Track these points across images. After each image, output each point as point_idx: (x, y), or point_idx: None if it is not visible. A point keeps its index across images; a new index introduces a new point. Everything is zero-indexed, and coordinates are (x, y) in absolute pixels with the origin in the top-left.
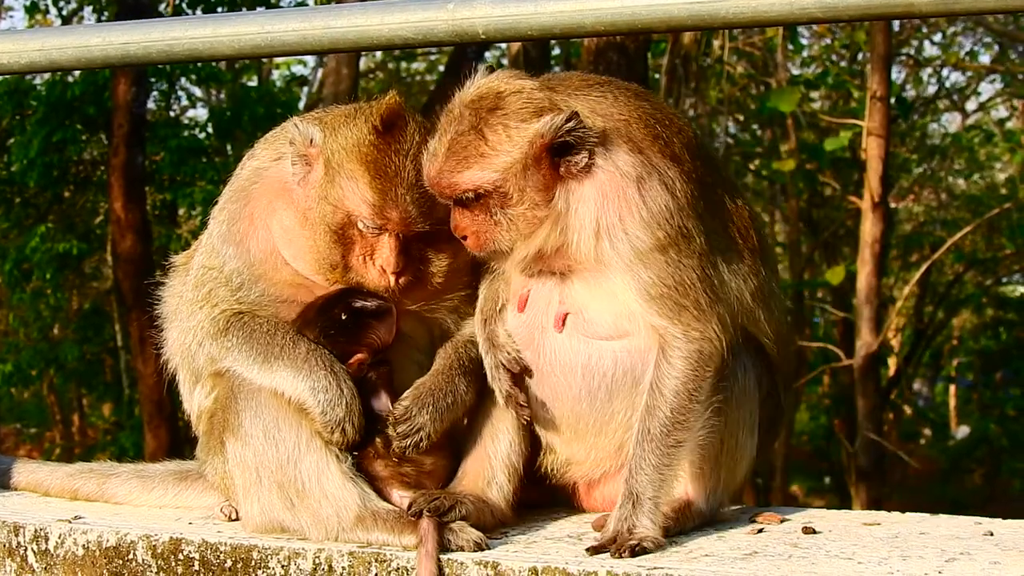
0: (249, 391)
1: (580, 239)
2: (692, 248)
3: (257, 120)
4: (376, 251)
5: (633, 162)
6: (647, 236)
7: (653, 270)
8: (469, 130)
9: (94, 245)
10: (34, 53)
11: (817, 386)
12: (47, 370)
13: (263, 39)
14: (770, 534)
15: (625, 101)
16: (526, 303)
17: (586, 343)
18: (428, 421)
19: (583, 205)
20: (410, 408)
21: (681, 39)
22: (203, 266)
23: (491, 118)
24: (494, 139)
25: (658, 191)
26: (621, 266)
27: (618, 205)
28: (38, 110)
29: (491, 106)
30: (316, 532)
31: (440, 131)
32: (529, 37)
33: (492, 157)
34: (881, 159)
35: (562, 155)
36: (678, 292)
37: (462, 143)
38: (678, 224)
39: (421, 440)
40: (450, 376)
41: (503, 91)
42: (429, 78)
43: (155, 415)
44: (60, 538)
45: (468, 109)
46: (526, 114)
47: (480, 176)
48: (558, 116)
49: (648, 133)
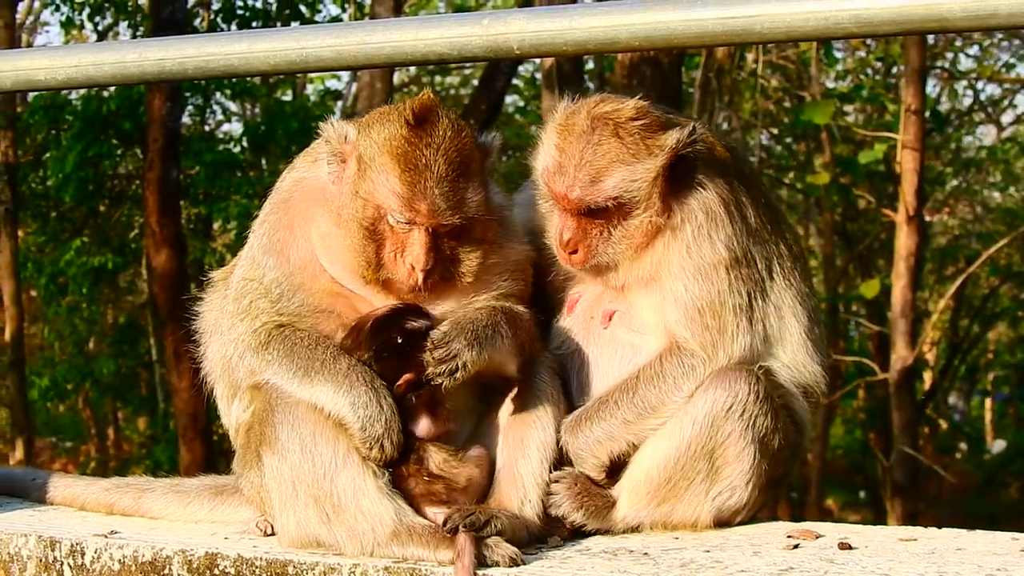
0: (287, 405)
1: (676, 253)
2: (750, 273)
3: (291, 134)
4: (407, 247)
5: (725, 182)
6: (723, 252)
7: (706, 284)
8: (609, 138)
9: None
10: (71, 69)
11: (852, 400)
12: (82, 384)
13: (298, 55)
14: (806, 550)
15: (702, 126)
16: (575, 306)
17: (629, 336)
18: (465, 348)
19: (691, 220)
20: (449, 333)
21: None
22: (244, 278)
23: (630, 127)
24: (635, 148)
25: (735, 211)
26: (682, 272)
27: (713, 221)
28: (74, 125)
29: (628, 116)
30: (352, 547)
31: (560, 145)
32: (564, 53)
33: (635, 164)
34: (916, 172)
35: (678, 168)
36: (712, 312)
37: (601, 151)
38: (745, 247)
39: (457, 369)
40: (492, 313)
41: (626, 106)
42: (464, 92)
43: (190, 429)
44: (96, 553)
45: (600, 121)
46: (656, 126)
47: (624, 183)
48: (685, 128)
49: (728, 155)
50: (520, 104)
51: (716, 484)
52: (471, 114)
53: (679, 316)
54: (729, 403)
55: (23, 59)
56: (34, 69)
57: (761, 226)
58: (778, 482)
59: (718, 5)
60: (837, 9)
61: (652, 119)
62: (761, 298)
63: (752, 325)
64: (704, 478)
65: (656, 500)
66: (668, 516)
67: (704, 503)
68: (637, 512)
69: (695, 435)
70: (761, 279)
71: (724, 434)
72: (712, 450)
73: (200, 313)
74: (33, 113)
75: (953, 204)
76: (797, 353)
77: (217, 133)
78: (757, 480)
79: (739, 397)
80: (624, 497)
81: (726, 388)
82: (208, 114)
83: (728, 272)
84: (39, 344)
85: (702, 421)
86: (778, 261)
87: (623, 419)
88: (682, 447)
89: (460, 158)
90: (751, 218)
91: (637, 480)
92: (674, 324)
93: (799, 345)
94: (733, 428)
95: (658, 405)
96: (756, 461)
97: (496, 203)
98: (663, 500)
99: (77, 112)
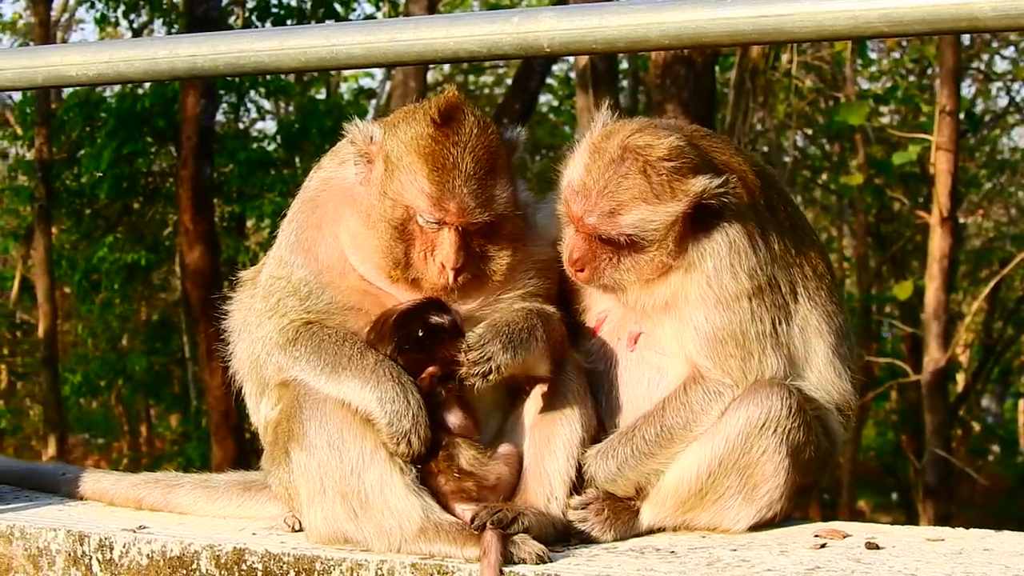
0: (315, 401)
1: (695, 284)
2: (773, 299)
3: (325, 132)
4: (436, 247)
5: (750, 212)
6: (746, 282)
7: (727, 315)
8: (636, 174)
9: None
10: (102, 65)
11: (885, 402)
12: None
13: (329, 52)
14: (832, 549)
15: (737, 152)
16: (602, 326)
17: (655, 358)
18: (500, 350)
19: (712, 256)
20: (484, 335)
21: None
22: (272, 276)
23: (660, 167)
24: (660, 189)
25: (760, 240)
26: (702, 303)
27: (736, 253)
28: (108, 122)
29: (659, 156)
30: (379, 543)
31: (588, 165)
32: (594, 51)
33: (656, 206)
34: (950, 173)
35: (701, 211)
36: (735, 343)
37: (625, 185)
38: (769, 274)
39: (491, 372)
40: (528, 316)
41: (660, 143)
42: (498, 91)
43: (222, 426)
44: (125, 547)
45: (631, 153)
46: (686, 169)
47: (641, 222)
48: (715, 178)
49: (758, 181)
50: (554, 104)
51: (754, 503)
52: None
53: (700, 346)
54: (763, 419)
55: (54, 55)
56: (65, 65)
57: (785, 250)
58: (807, 489)
59: (748, 4)
60: (867, 8)
61: (684, 162)
62: (785, 322)
63: (777, 350)
64: (735, 493)
65: (683, 510)
66: (693, 522)
67: (739, 519)
68: (662, 520)
69: (727, 451)
70: (785, 303)
71: (759, 450)
72: (746, 466)
73: (229, 312)
74: (68, 110)
75: (987, 206)
76: (825, 372)
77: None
78: (790, 492)
79: (772, 412)
80: (648, 507)
81: (759, 404)
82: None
83: (751, 301)
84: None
85: (735, 438)
86: (803, 283)
87: (648, 452)
88: (714, 463)
89: (487, 155)
90: (775, 244)
91: (665, 493)
92: (695, 354)
93: (826, 364)
94: (768, 444)
95: (685, 433)
96: (791, 475)
97: (523, 200)
98: (690, 510)
99: (111, 109)
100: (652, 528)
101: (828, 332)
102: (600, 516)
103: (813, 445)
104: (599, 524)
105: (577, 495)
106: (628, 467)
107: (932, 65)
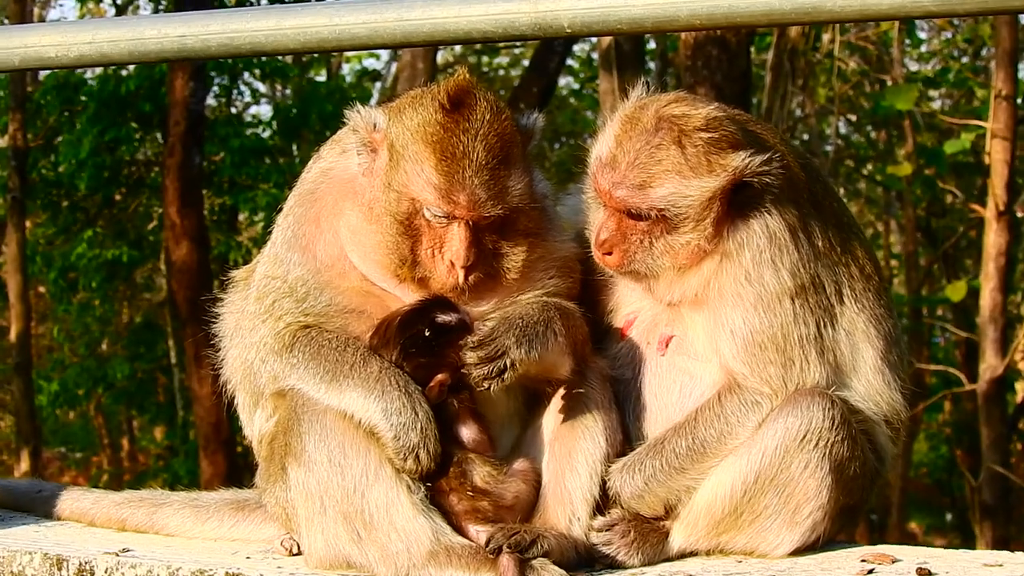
0: (314, 413)
1: (730, 277)
2: (818, 300)
3: (325, 118)
4: (445, 243)
5: (794, 204)
6: (787, 280)
7: (767, 316)
8: (670, 144)
9: (147, 253)
10: (84, 46)
11: (937, 413)
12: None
13: (330, 32)
14: (880, 575)
15: (782, 141)
16: (630, 328)
17: (687, 364)
18: (514, 345)
19: (750, 247)
20: (496, 328)
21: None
22: (266, 276)
23: (695, 138)
24: (695, 161)
25: (803, 235)
26: (740, 302)
27: (777, 247)
28: (89, 106)
29: (696, 126)
30: (384, 568)
31: (619, 136)
32: (618, 31)
33: (691, 179)
34: (1007, 163)
35: (741, 193)
36: (775, 348)
37: (658, 156)
38: (812, 272)
39: (505, 369)
40: (544, 308)
41: (698, 112)
42: (514, 73)
43: (212, 439)
44: (107, 572)
45: (666, 122)
46: (725, 143)
47: (674, 196)
48: (758, 155)
49: (803, 174)
50: (575, 87)
51: (795, 525)
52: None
53: (736, 351)
54: (803, 432)
55: (32, 35)
56: (44, 46)
57: (830, 248)
58: (853, 510)
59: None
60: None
61: (723, 134)
62: (831, 326)
63: (822, 356)
64: (773, 513)
65: (717, 532)
66: (728, 545)
67: (779, 542)
68: (695, 544)
69: (764, 467)
70: (831, 305)
71: (799, 466)
72: (785, 484)
73: (220, 315)
74: (45, 93)
75: None
76: (873, 381)
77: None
78: (834, 512)
79: (814, 424)
80: (679, 529)
81: (799, 415)
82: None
83: (793, 302)
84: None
85: (772, 453)
86: (849, 283)
87: (680, 467)
88: (749, 480)
89: (500, 144)
90: (819, 241)
91: (697, 513)
92: (731, 359)
93: (875, 372)
94: (809, 459)
95: (718, 446)
96: (834, 493)
97: (540, 192)
98: (724, 532)
99: (93, 92)
100: (683, 552)
101: (877, 337)
102: (626, 539)
103: (859, 461)
104: (625, 547)
105: (601, 515)
106: (656, 482)
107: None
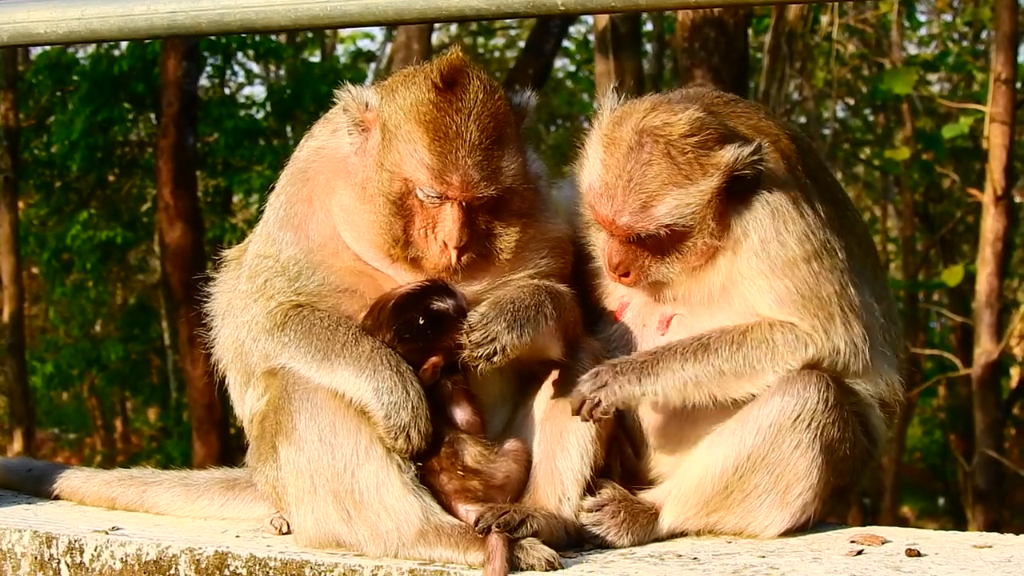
0: (305, 392)
1: (745, 262)
2: (833, 263)
3: (320, 99)
4: (438, 223)
5: (789, 177)
6: (795, 248)
7: (791, 280)
8: (660, 158)
9: (140, 234)
10: (73, 22)
11: (931, 398)
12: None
13: (322, 8)
14: (870, 556)
15: (766, 116)
16: (624, 311)
17: None
18: (505, 330)
19: (756, 228)
20: (487, 314)
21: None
22: (258, 255)
23: (682, 145)
24: (688, 168)
25: (806, 204)
26: (759, 278)
27: (781, 222)
28: (81, 86)
29: (680, 132)
30: (374, 547)
31: (606, 161)
32: (614, 10)
33: (688, 187)
34: (1005, 148)
35: (737, 184)
36: (818, 301)
37: (651, 173)
38: (823, 238)
39: (495, 353)
40: (535, 292)
41: (678, 119)
42: (509, 55)
43: (205, 421)
44: (96, 550)
45: (649, 136)
46: (712, 142)
47: (677, 209)
48: (746, 146)
49: (794, 146)
50: (571, 69)
51: (785, 505)
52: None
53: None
54: (797, 411)
55: (20, 11)
56: (33, 22)
57: (832, 217)
58: (844, 491)
59: None
60: None
61: (707, 134)
62: (853, 286)
63: (856, 314)
64: (764, 493)
65: (707, 511)
66: (718, 526)
67: (769, 523)
68: (684, 523)
69: (756, 445)
70: (846, 268)
71: (790, 446)
72: (776, 463)
73: (212, 295)
74: (36, 73)
75: None
76: (873, 359)
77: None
78: (824, 493)
79: (808, 405)
80: (670, 508)
81: (795, 395)
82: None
83: (808, 265)
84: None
85: (766, 430)
86: (850, 258)
87: (719, 369)
88: (741, 457)
89: (494, 123)
90: (821, 209)
91: (687, 491)
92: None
93: (872, 348)
94: (800, 439)
95: (760, 372)
96: (824, 474)
97: (534, 172)
98: (714, 511)
99: (85, 72)
100: (673, 532)
101: (878, 312)
102: (616, 518)
103: (850, 442)
104: (615, 527)
105: (591, 496)
106: (691, 374)
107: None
